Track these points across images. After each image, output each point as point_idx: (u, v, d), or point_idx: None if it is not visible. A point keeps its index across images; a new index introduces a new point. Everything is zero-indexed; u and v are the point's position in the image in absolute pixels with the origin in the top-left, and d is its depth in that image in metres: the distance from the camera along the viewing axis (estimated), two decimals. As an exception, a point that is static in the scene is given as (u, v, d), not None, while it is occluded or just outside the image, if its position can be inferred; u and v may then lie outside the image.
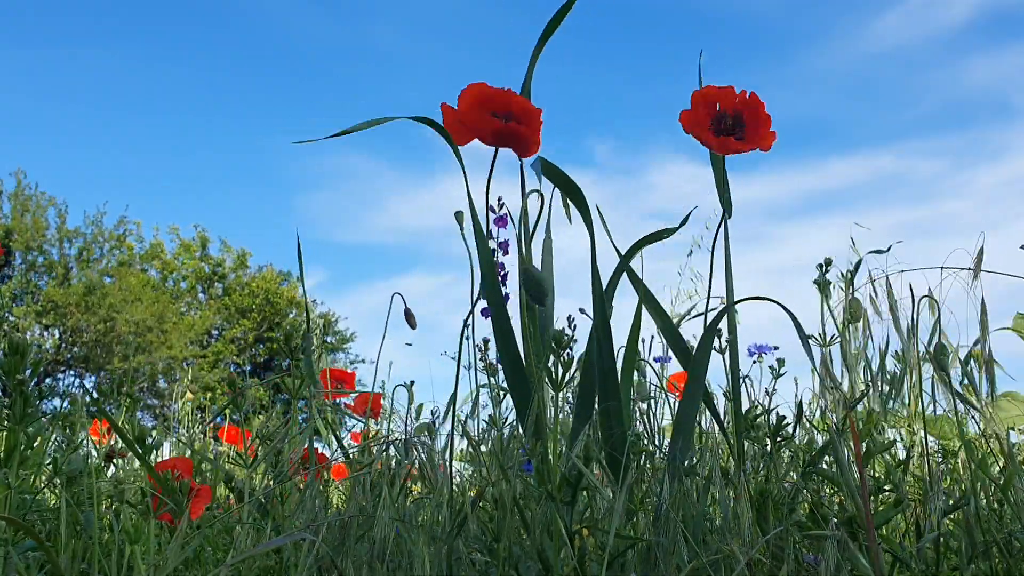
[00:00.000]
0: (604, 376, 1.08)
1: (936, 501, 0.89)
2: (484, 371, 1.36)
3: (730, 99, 1.15)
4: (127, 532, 0.75)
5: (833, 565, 0.74)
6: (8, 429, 0.86)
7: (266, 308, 17.37)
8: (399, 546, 0.90)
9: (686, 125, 1.15)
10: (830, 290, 1.31)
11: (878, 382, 1.23)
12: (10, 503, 0.83)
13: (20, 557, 0.81)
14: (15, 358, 0.87)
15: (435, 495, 0.90)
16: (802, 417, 1.13)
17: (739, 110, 1.14)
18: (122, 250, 16.82)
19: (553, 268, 1.19)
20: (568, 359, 0.87)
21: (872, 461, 0.95)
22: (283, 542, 0.80)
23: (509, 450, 0.89)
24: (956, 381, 1.10)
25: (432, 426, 1.22)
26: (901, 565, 0.90)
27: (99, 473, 0.94)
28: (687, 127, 1.15)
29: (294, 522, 0.99)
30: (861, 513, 0.81)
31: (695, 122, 1.15)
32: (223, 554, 1.01)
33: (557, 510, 0.83)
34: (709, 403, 1.14)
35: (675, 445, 1.02)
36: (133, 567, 0.74)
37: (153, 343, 14.95)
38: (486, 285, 1.12)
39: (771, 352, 1.36)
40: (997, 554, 0.91)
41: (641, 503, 1.02)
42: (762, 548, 0.88)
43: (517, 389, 1.09)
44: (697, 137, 1.15)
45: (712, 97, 1.15)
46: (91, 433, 1.87)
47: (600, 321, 1.10)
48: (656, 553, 0.89)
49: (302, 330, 2.05)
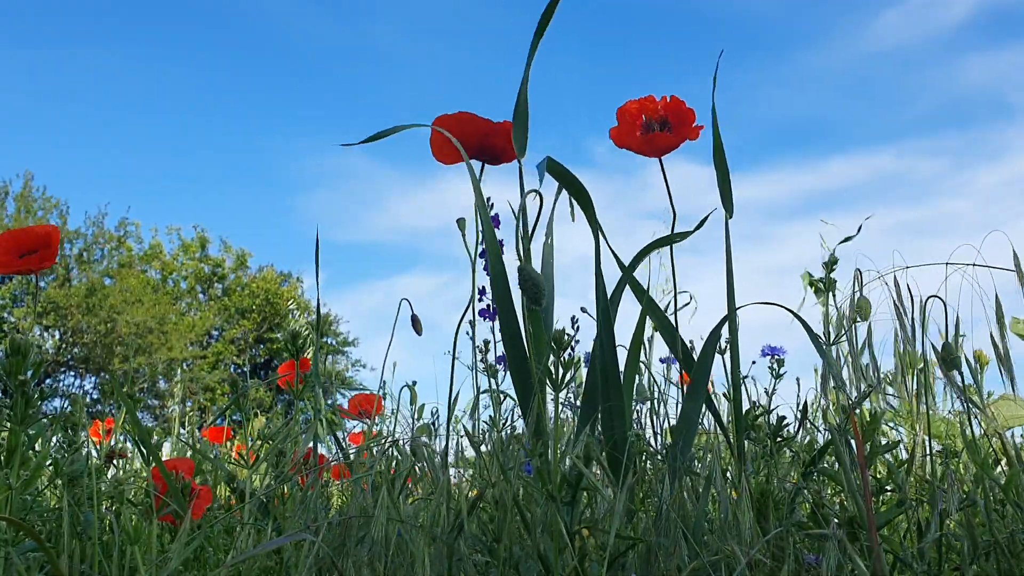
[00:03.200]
0: (606, 377, 1.08)
1: (950, 501, 0.88)
2: (485, 372, 1.36)
3: (652, 107, 1.22)
4: (127, 533, 0.75)
5: (834, 565, 0.74)
6: (10, 430, 0.86)
7: (266, 309, 17.37)
8: (400, 546, 0.90)
9: (616, 140, 1.22)
10: (832, 289, 1.31)
11: (882, 382, 1.23)
12: (11, 504, 0.83)
13: (21, 558, 0.81)
14: (17, 359, 0.86)
15: (435, 495, 0.90)
16: (806, 417, 1.13)
17: (663, 115, 1.20)
18: (122, 251, 16.82)
19: (554, 268, 1.19)
20: (568, 360, 0.87)
21: (874, 461, 0.94)
22: (283, 542, 0.80)
23: (509, 450, 0.89)
24: (960, 380, 1.09)
25: (432, 427, 1.22)
26: (903, 565, 0.90)
27: (99, 474, 0.94)
28: (618, 142, 1.22)
29: (295, 522, 0.98)
30: (863, 513, 0.81)
31: (624, 135, 1.21)
32: (224, 554, 1.01)
33: (557, 510, 0.83)
34: (710, 404, 1.14)
35: (676, 446, 1.02)
36: (135, 568, 0.74)
37: (153, 344, 14.95)
38: (495, 288, 1.12)
39: (784, 354, 1.35)
40: (999, 554, 0.91)
41: (642, 503, 1.02)
42: (763, 548, 0.88)
43: (523, 391, 1.09)
44: (628, 147, 1.21)
45: (635, 111, 1.22)
46: (91, 434, 1.87)
47: (603, 323, 1.10)
48: (656, 553, 0.89)
49: (306, 333, 2.04)
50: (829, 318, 1.30)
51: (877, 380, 1.23)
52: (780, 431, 1.05)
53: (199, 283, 17.88)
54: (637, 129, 1.21)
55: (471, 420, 1.37)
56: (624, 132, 1.22)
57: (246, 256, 18.13)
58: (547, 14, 1.14)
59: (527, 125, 1.16)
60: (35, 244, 1.37)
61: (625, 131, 1.22)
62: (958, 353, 1.07)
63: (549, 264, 1.19)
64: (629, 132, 1.22)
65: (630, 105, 1.22)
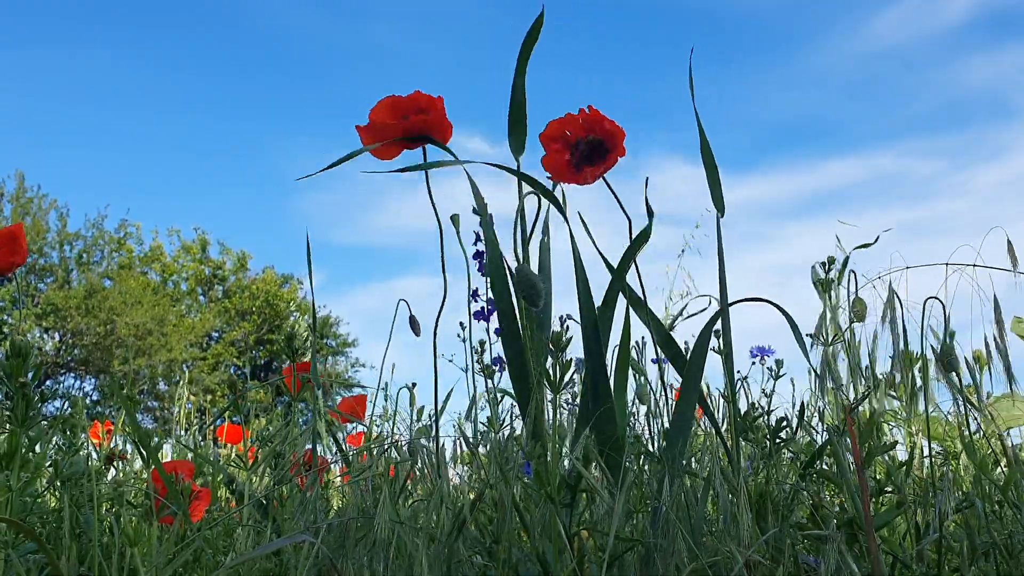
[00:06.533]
0: (594, 379, 1.08)
1: (944, 502, 0.89)
2: (481, 373, 1.36)
3: (574, 124, 1.11)
4: (127, 535, 0.75)
5: (833, 567, 0.74)
6: (10, 431, 0.86)
7: (266, 310, 17.36)
8: (399, 548, 0.90)
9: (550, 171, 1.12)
10: (833, 288, 1.31)
11: (880, 382, 1.23)
12: (11, 506, 0.83)
13: (21, 560, 0.81)
14: (17, 361, 0.87)
15: (434, 497, 0.90)
16: (803, 418, 1.13)
17: (590, 132, 1.11)
18: (122, 253, 16.82)
19: (551, 269, 1.19)
20: (568, 362, 0.87)
21: (873, 462, 0.95)
22: (282, 544, 0.80)
23: (508, 452, 0.89)
24: (958, 381, 1.09)
25: (430, 428, 1.22)
26: (902, 566, 0.90)
27: (99, 476, 0.94)
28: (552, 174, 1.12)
29: (295, 524, 0.99)
30: (861, 515, 0.81)
31: (554, 166, 1.12)
32: (223, 556, 1.01)
33: (556, 512, 0.83)
34: (704, 405, 1.14)
35: (672, 447, 1.02)
36: (134, 570, 0.75)
37: (153, 346, 14.94)
38: (495, 287, 1.12)
39: (772, 355, 1.36)
40: (998, 555, 0.91)
41: (643, 504, 1.02)
42: (761, 549, 0.88)
43: (523, 393, 1.10)
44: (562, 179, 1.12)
45: (557, 131, 1.12)
46: (91, 436, 1.87)
47: (588, 324, 1.10)
48: (655, 555, 0.89)
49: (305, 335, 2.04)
50: (826, 318, 1.30)
51: (875, 381, 1.23)
52: (779, 432, 1.05)
53: (199, 285, 17.88)
54: (567, 151, 1.12)
55: (468, 422, 1.37)
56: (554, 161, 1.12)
57: (246, 258, 18.14)
58: (537, 24, 1.14)
59: (525, 123, 1.15)
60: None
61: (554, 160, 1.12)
62: (955, 355, 1.07)
63: (547, 263, 1.19)
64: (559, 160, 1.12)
65: (551, 127, 1.12)
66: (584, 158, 1.12)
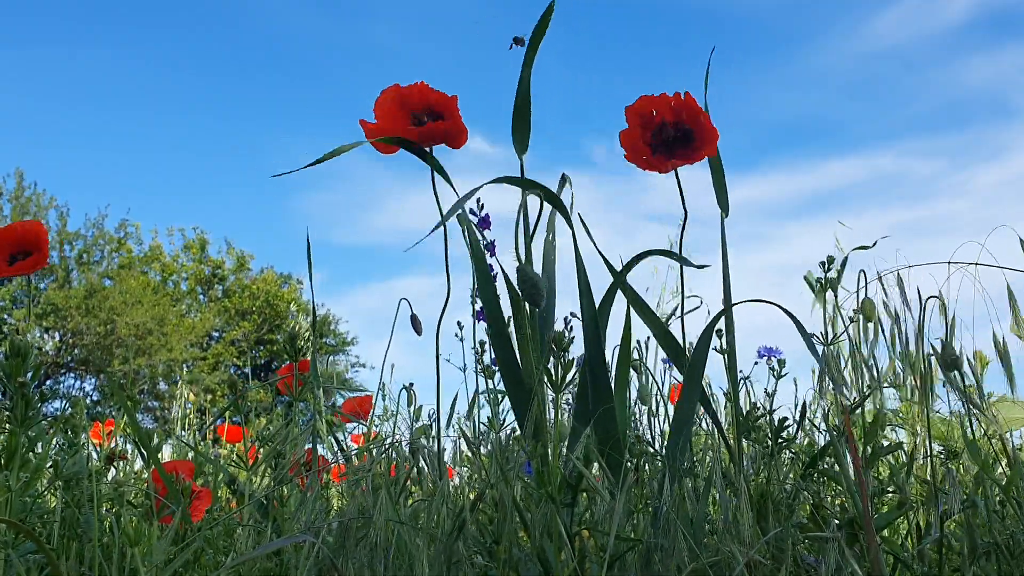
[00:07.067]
0: (594, 378, 1.08)
1: (949, 502, 0.88)
2: (481, 372, 1.36)
3: (664, 105, 1.02)
4: (127, 535, 0.75)
5: (833, 566, 0.74)
6: (10, 431, 0.86)
7: (266, 310, 17.36)
8: (399, 548, 0.90)
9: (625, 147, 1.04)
10: (834, 288, 1.30)
11: (884, 382, 1.22)
12: (11, 506, 0.83)
13: (21, 560, 0.81)
14: (17, 360, 0.86)
15: (435, 497, 0.90)
16: (805, 418, 1.13)
17: (678, 118, 1.03)
18: (122, 253, 16.81)
19: (555, 268, 1.19)
20: (568, 361, 0.87)
21: (876, 462, 0.94)
22: (283, 544, 0.80)
23: (508, 451, 0.89)
24: (960, 380, 1.09)
25: (430, 428, 1.22)
26: (903, 566, 0.90)
27: (100, 476, 0.94)
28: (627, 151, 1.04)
29: (295, 524, 0.98)
30: (861, 515, 0.81)
31: (630, 143, 1.03)
32: (224, 556, 1.01)
33: (557, 512, 0.83)
34: (706, 404, 1.14)
35: (673, 446, 1.02)
36: (135, 570, 0.74)
37: (153, 345, 14.94)
38: (483, 293, 1.12)
39: (780, 355, 1.35)
40: (999, 555, 0.91)
41: (644, 504, 1.02)
42: (762, 549, 0.88)
43: (514, 391, 1.09)
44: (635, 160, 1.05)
45: (645, 108, 1.03)
46: (92, 436, 1.87)
47: (589, 323, 1.10)
48: (655, 555, 0.89)
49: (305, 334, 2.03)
50: (828, 318, 1.29)
51: (878, 381, 1.23)
52: (781, 432, 1.05)
53: (199, 285, 17.88)
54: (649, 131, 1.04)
55: (468, 421, 1.37)
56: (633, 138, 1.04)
57: (246, 258, 18.15)
58: (547, 14, 1.13)
59: (529, 121, 1.14)
60: (23, 246, 1.35)
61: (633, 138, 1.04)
62: (957, 355, 1.07)
63: (550, 262, 1.19)
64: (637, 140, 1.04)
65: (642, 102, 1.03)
66: (664, 144, 1.03)
